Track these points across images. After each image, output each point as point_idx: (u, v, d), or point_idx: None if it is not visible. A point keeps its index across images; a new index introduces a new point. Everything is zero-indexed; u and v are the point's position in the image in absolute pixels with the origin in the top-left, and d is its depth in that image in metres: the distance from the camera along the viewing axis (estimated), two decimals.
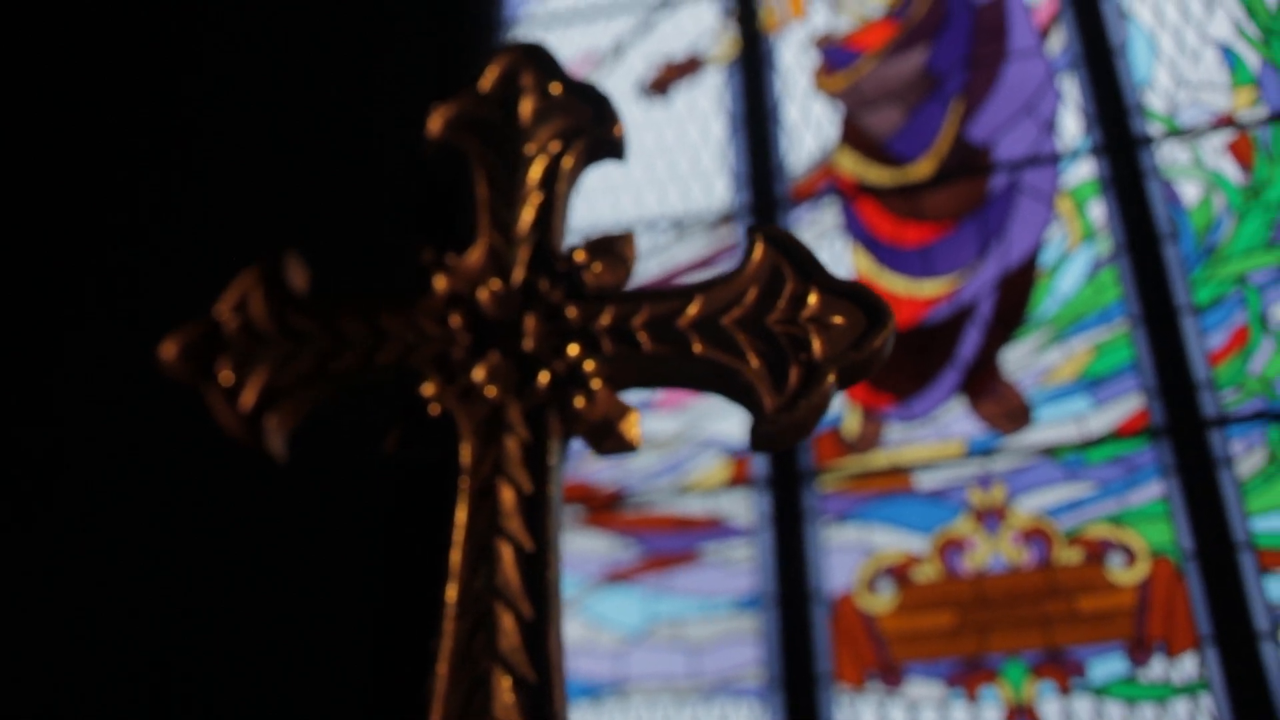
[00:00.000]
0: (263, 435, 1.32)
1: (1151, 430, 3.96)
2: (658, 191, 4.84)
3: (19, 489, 4.55)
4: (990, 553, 3.96)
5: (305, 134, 4.89)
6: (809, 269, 1.29)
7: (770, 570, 4.10)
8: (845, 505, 4.16)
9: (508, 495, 1.26)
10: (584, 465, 4.43)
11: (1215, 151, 4.30)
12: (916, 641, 3.95)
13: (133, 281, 4.83)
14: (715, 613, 4.14)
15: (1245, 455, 3.86)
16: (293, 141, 4.89)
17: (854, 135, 4.77)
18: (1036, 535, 3.94)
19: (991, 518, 4.00)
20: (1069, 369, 4.14)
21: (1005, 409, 4.16)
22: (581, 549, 4.33)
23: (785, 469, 4.20)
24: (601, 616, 4.22)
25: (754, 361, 1.26)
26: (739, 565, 4.19)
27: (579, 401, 1.28)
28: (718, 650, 4.10)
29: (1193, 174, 4.28)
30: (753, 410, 1.26)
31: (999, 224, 4.41)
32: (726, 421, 4.37)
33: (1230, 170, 4.25)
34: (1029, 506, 3.99)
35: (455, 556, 1.25)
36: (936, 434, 4.17)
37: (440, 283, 1.36)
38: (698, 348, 1.28)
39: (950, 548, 3.99)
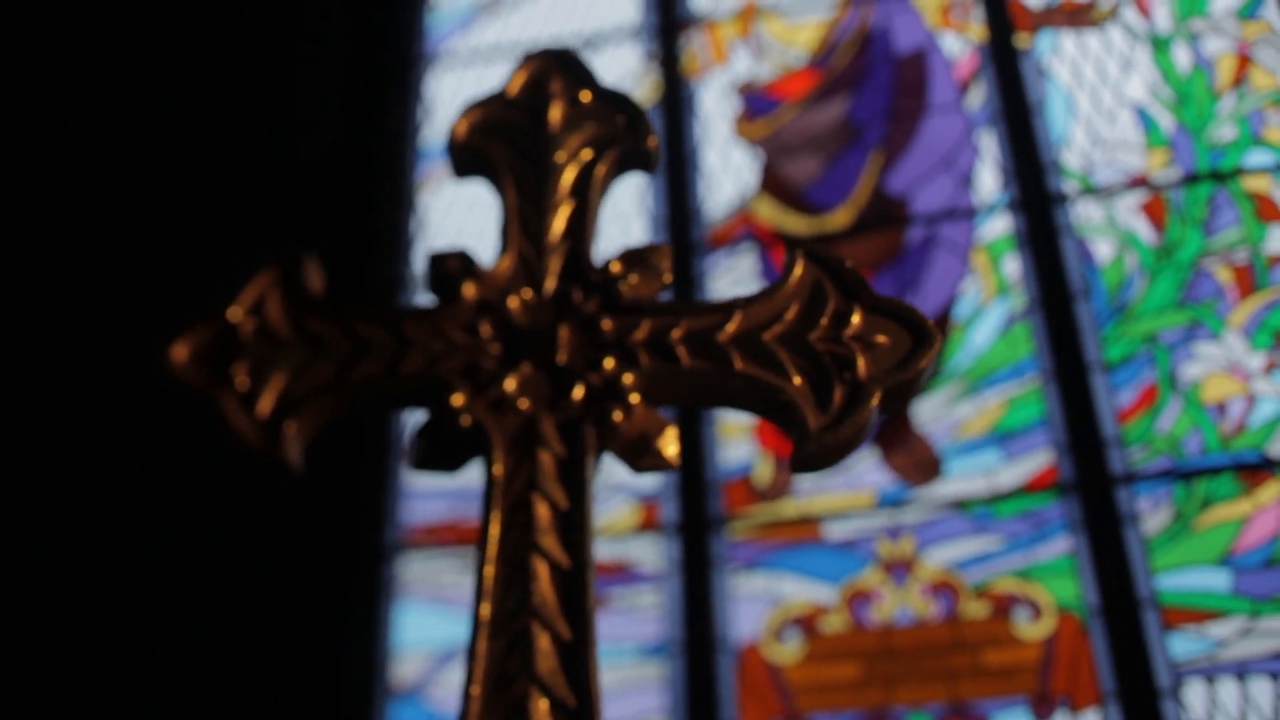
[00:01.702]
0: (281, 444, 1.26)
1: (1060, 485, 3.97)
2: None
3: None
4: (898, 604, 3.95)
5: (221, 167, 4.83)
6: (852, 286, 1.27)
7: (677, 617, 4.07)
8: (754, 553, 4.14)
9: (543, 511, 1.21)
10: None
11: (1129, 211, 4.35)
12: (822, 692, 3.93)
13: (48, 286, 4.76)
14: (620, 659, 4.09)
15: (1151, 513, 3.88)
16: (209, 174, 4.83)
17: (773, 183, 4.77)
18: (944, 588, 3.94)
19: (900, 569, 3.99)
20: (980, 422, 4.15)
21: (916, 461, 4.16)
22: None
23: (694, 515, 4.17)
24: None
25: (797, 379, 1.23)
26: (645, 611, 4.15)
27: (617, 415, 1.24)
28: (622, 697, 4.06)
29: (1106, 232, 4.32)
30: (794, 430, 1.22)
31: (915, 276, 4.43)
32: None
33: (1143, 230, 4.29)
34: (937, 559, 3.99)
35: (488, 572, 1.20)
36: (847, 484, 4.17)
37: (469, 290, 1.31)
38: (739, 364, 1.25)
39: (858, 599, 3.98)
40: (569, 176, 1.38)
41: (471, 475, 4.00)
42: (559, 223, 1.35)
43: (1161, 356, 4.08)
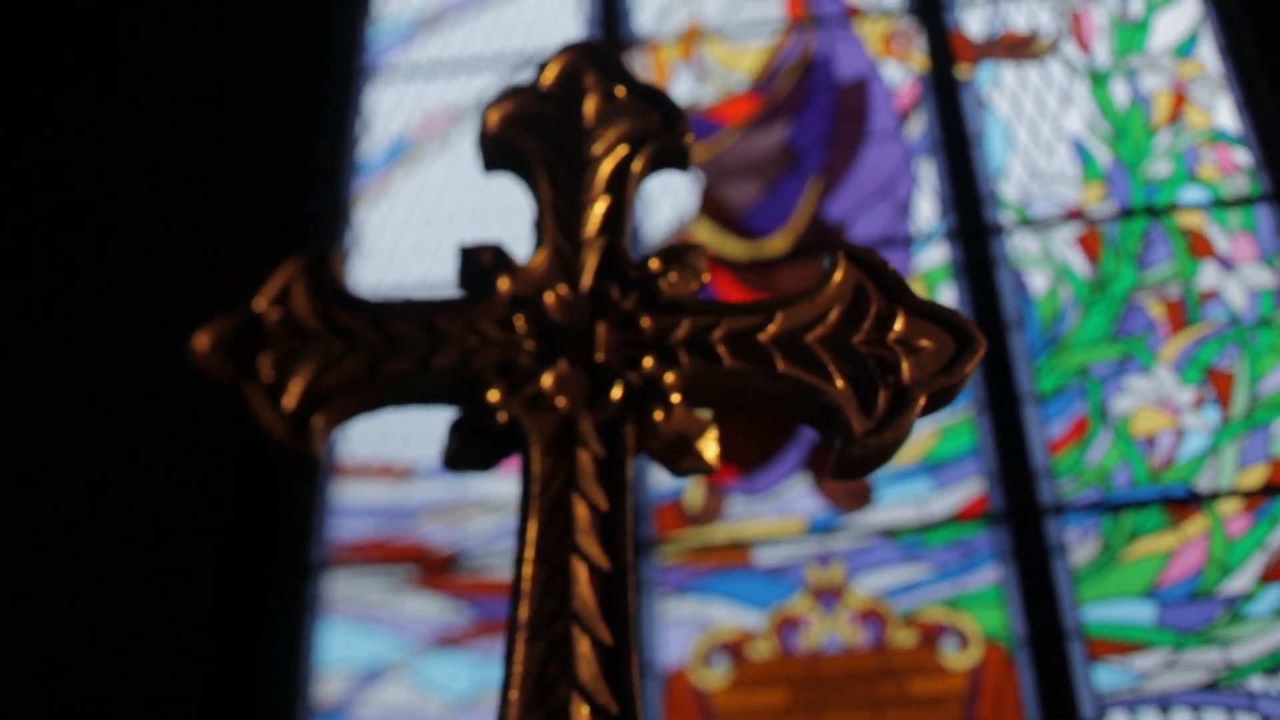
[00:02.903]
0: (308, 438, 1.21)
1: (990, 515, 3.98)
2: (515, 250, 4.79)
3: None
4: (826, 632, 3.94)
5: (157, 176, 4.78)
6: (895, 290, 1.25)
7: None
8: (683, 578, 4.12)
9: (582, 511, 1.18)
10: (420, 526, 4.33)
11: (1064, 243, 4.38)
12: (749, 718, 3.91)
13: None
14: None
15: (1079, 544, 3.90)
16: (144, 182, 4.78)
17: (712, 206, 4.77)
18: (872, 616, 3.94)
19: (829, 596, 3.98)
20: (912, 451, 4.16)
21: (847, 488, 4.16)
22: (412, 611, 4.23)
23: None
24: (430, 681, 4.11)
25: (840, 382, 1.21)
26: None
27: (658, 415, 1.20)
28: None
29: (1041, 264, 4.35)
30: (835, 434, 1.21)
31: None
32: None
33: (1078, 263, 4.33)
34: (867, 586, 3.99)
35: (527, 572, 1.16)
36: (778, 510, 4.16)
37: (503, 284, 1.27)
38: (781, 365, 1.22)
39: (787, 625, 3.97)
40: (605, 171, 1.35)
41: (400, 493, 3.94)
42: (595, 218, 1.32)
43: (1093, 389, 4.11)
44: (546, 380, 1.21)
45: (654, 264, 1.27)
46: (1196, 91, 4.60)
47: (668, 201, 4.81)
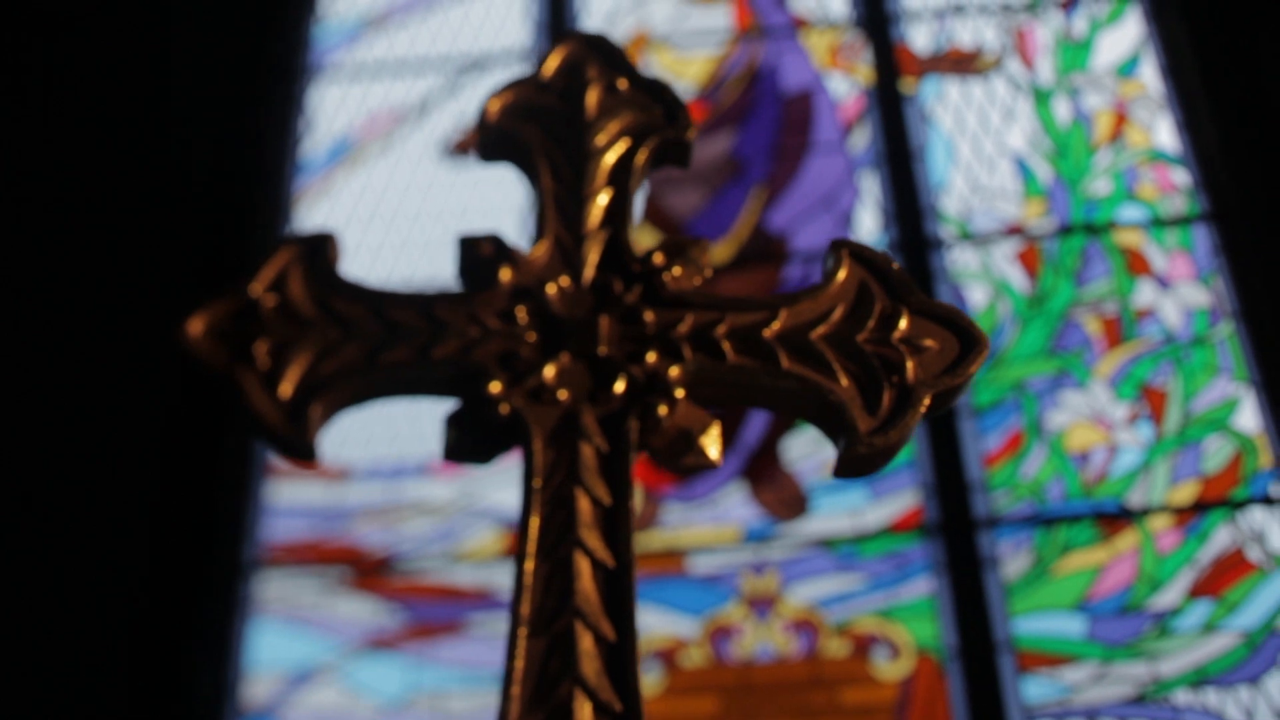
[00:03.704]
0: (305, 427, 1.19)
1: (925, 527, 4.00)
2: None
3: None
4: (759, 640, 3.95)
5: (99, 171, 4.71)
6: (899, 289, 1.24)
7: None
8: None
9: (584, 505, 1.16)
10: (354, 528, 4.30)
11: (1004, 259, 4.42)
12: None
13: None
14: (478, 686, 4.04)
15: (1012, 557, 3.93)
16: (85, 177, 4.71)
17: (655, 214, 4.78)
18: (805, 625, 3.95)
19: (762, 605, 3.99)
20: None
21: (784, 497, 4.17)
22: (344, 613, 4.19)
23: None
24: (361, 684, 4.08)
25: (844, 380, 1.20)
26: (506, 639, 4.09)
27: (661, 410, 1.19)
28: None
29: (981, 279, 4.39)
30: (838, 433, 1.20)
31: None
32: (503, 491, 4.30)
33: (1017, 278, 4.37)
34: (800, 596, 4.00)
35: (528, 567, 1.14)
36: (713, 518, 4.16)
37: (505, 275, 1.25)
38: (785, 362, 1.21)
39: (719, 633, 3.97)
40: (607, 164, 1.34)
41: (335, 494, 3.90)
42: (597, 210, 1.31)
43: (1029, 404, 4.14)
44: (548, 373, 1.20)
45: (657, 258, 1.26)
46: (1137, 111, 4.67)
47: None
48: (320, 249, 1.27)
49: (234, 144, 4.78)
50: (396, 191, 4.94)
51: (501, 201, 4.86)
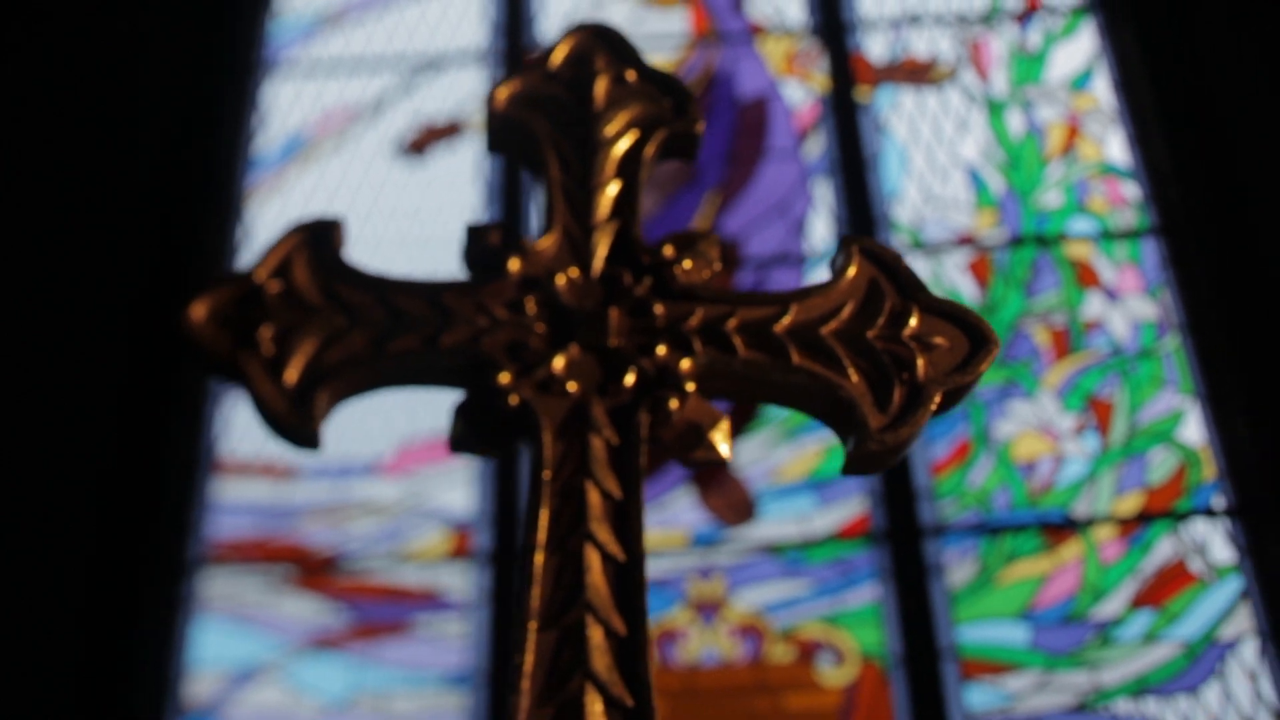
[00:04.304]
0: (310, 415, 1.17)
1: (872, 534, 4.02)
2: (407, 253, 4.74)
3: None
4: (704, 645, 3.95)
5: (50, 161, 4.66)
6: (909, 286, 1.25)
7: (483, 648, 4.00)
8: None
9: (594, 498, 1.15)
10: (300, 526, 4.27)
11: (955, 268, 4.45)
12: None
13: None
14: (422, 687, 4.02)
15: (957, 565, 3.96)
16: (36, 166, 4.66)
17: None
18: (751, 631, 3.95)
19: (708, 610, 3.99)
20: (798, 468, 4.19)
21: (732, 502, 4.17)
22: (289, 612, 4.16)
23: (506, 545, 4.13)
24: (304, 683, 4.05)
25: (854, 377, 1.19)
26: (451, 641, 4.08)
27: (672, 403, 1.18)
28: None
29: (932, 288, 4.40)
30: (848, 430, 1.19)
31: None
32: (451, 492, 4.28)
33: (967, 288, 4.40)
34: (747, 601, 4.00)
35: (538, 559, 1.12)
36: (661, 522, 4.16)
37: (514, 264, 1.23)
38: (796, 357, 1.20)
39: (665, 637, 3.97)
40: (616, 154, 1.32)
41: (281, 493, 3.87)
42: (605, 202, 1.29)
43: (977, 413, 4.17)
44: (558, 364, 1.18)
45: (667, 250, 1.25)
46: (1090, 125, 4.71)
47: None
48: (325, 235, 1.25)
49: (186, 138, 4.74)
50: (349, 190, 4.91)
51: (454, 201, 4.85)
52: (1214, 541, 3.98)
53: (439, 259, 4.65)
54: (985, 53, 4.94)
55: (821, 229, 4.64)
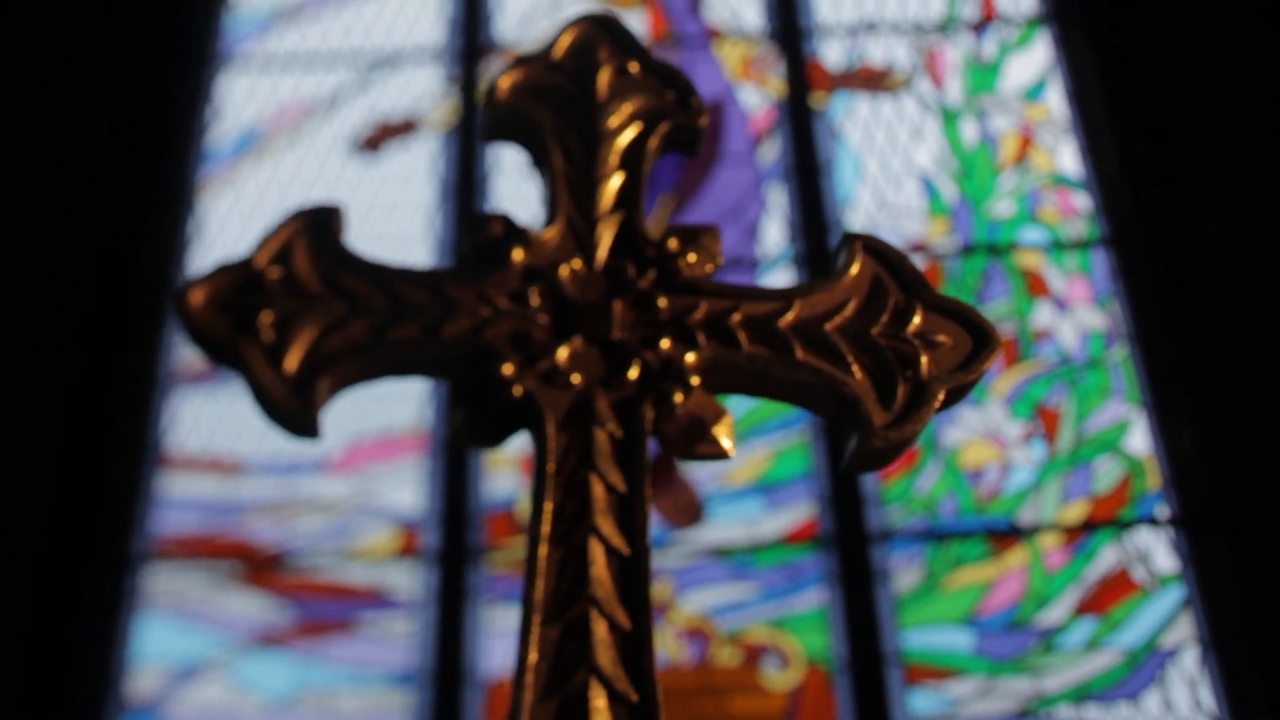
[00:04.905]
0: (310, 403, 1.15)
1: (820, 539, 4.03)
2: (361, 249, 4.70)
3: None
4: None
5: (4, 160, 4.61)
6: (913, 283, 1.24)
7: (429, 647, 3.98)
8: (511, 587, 4.09)
9: (599, 491, 1.14)
10: (247, 523, 4.24)
11: None
12: None
13: None
14: (367, 686, 4.00)
15: (904, 570, 3.98)
16: None
17: None
18: (697, 633, 3.96)
19: (655, 612, 3.97)
20: (747, 471, 4.20)
21: (680, 504, 4.18)
22: (234, 609, 4.13)
23: (455, 545, 4.11)
24: (248, 680, 4.03)
25: (858, 373, 1.19)
26: (397, 639, 4.06)
27: (677, 397, 1.17)
28: None
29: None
30: (851, 426, 1.19)
31: None
32: (399, 490, 4.26)
33: None
34: (693, 604, 4.00)
35: (542, 552, 1.11)
36: None
37: (517, 255, 1.22)
38: (800, 353, 1.20)
39: None
40: (619, 146, 1.31)
41: (228, 488, 3.84)
42: (609, 193, 1.28)
43: None
44: (561, 355, 1.18)
45: (671, 243, 1.25)
46: (1042, 135, 4.74)
47: (520, 210, 4.76)
48: (325, 222, 1.25)
49: (139, 130, 4.70)
50: (303, 185, 4.89)
51: (408, 199, 4.83)
52: (1157, 550, 4.01)
53: (393, 257, 4.62)
54: (940, 61, 4.97)
55: (775, 234, 4.65)
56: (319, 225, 1.25)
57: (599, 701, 1.06)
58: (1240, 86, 4.49)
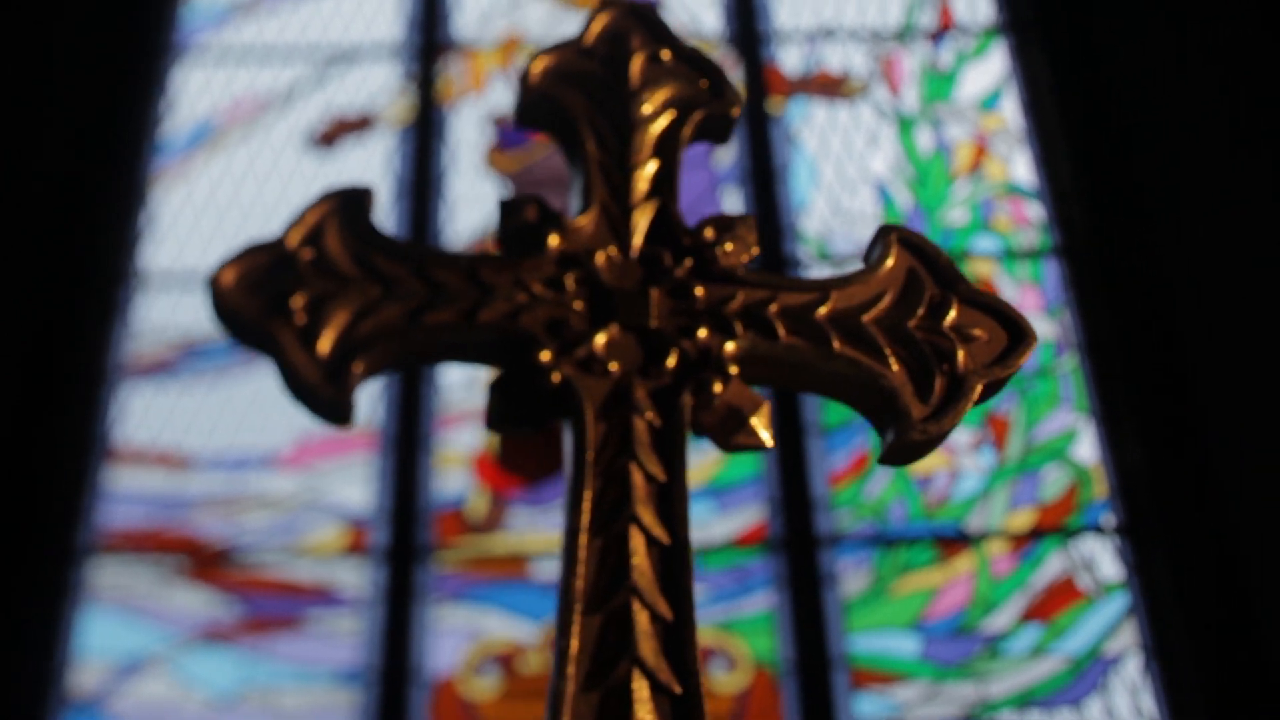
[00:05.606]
0: (345, 386, 1.12)
1: (769, 542, 4.05)
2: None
3: None
4: None
5: None
6: (948, 277, 1.23)
7: (375, 645, 3.96)
8: (460, 586, 4.08)
9: (639, 480, 1.12)
10: (194, 517, 4.20)
11: None
12: None
13: None
14: (312, 683, 3.97)
15: (852, 574, 4.00)
16: None
17: None
18: None
19: None
20: (697, 474, 4.20)
21: None
22: (179, 604, 4.09)
23: (403, 543, 4.09)
24: (192, 676, 3.99)
25: (895, 366, 1.19)
26: (343, 637, 4.04)
27: (716, 386, 1.16)
28: None
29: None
30: (888, 419, 1.18)
31: None
32: (348, 488, 4.24)
33: None
34: None
35: (582, 541, 1.09)
36: (559, 524, 4.13)
37: (553, 241, 1.21)
38: (838, 344, 1.19)
39: None
40: (654, 133, 1.30)
41: (176, 483, 3.81)
42: (644, 181, 1.27)
43: None
44: (599, 343, 1.16)
45: (708, 232, 1.24)
46: (997, 144, 4.78)
47: (475, 209, 4.77)
48: (358, 203, 1.22)
49: (92, 120, 4.65)
50: (257, 179, 4.85)
51: None
52: (1102, 559, 4.05)
53: None
54: (897, 69, 5.00)
55: None
56: (351, 206, 1.21)
57: (642, 693, 1.04)
58: (1194, 100, 4.54)
